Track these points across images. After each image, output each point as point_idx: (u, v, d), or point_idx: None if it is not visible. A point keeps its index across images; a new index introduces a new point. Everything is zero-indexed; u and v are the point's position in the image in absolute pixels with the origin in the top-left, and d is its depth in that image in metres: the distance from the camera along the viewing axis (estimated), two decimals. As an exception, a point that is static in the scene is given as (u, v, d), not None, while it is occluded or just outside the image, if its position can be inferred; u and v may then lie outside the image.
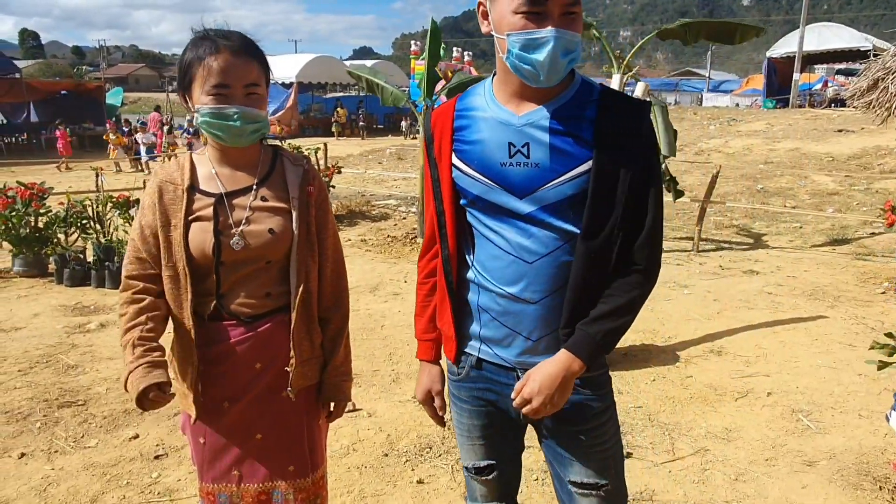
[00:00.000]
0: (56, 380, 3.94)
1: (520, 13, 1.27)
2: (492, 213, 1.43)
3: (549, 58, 1.27)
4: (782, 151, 14.07)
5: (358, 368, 4.15)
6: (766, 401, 3.74)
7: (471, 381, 1.56)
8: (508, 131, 1.37)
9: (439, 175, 1.49)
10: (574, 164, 1.34)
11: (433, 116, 1.52)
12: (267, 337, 1.67)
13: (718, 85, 43.36)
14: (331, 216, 1.80)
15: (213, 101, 1.56)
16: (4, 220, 6.23)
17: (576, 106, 1.36)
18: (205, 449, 1.72)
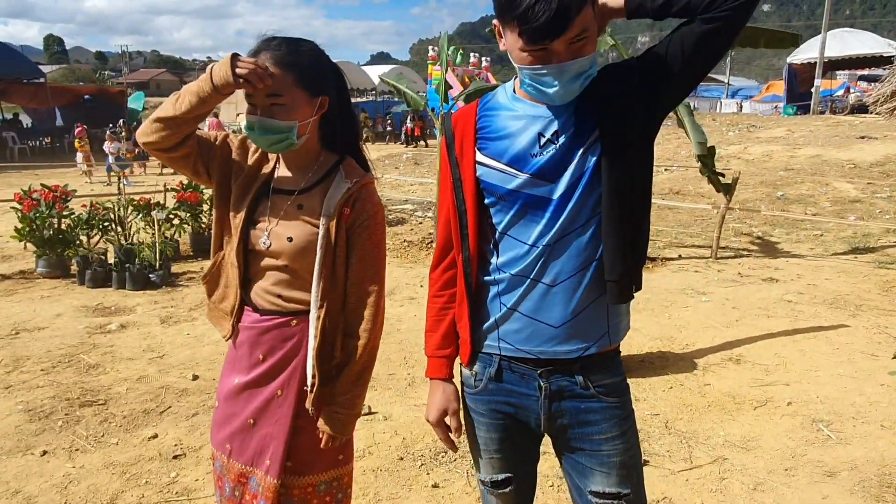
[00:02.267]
0: (77, 379, 4.00)
1: (525, 52, 1.30)
2: (521, 206, 1.41)
3: (560, 88, 1.31)
4: (803, 158, 13.92)
5: (374, 372, 4.15)
6: (786, 410, 3.69)
7: (489, 393, 1.54)
8: (538, 123, 1.40)
9: (461, 174, 1.47)
10: (588, 135, 1.37)
11: (454, 118, 1.53)
12: (270, 331, 1.73)
13: (738, 91, 43.01)
14: (369, 242, 1.70)
15: (248, 110, 1.63)
16: (29, 221, 6.35)
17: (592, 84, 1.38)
18: (218, 412, 1.83)
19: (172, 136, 1.63)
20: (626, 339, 4.94)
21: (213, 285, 1.82)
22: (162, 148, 1.65)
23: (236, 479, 1.78)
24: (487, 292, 1.51)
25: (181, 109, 1.60)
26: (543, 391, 1.47)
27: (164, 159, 1.70)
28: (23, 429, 3.37)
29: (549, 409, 1.48)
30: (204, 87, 1.58)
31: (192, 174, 1.73)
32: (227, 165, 1.75)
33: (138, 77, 73.41)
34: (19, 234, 6.43)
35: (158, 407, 3.65)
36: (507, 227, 1.45)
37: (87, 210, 6.63)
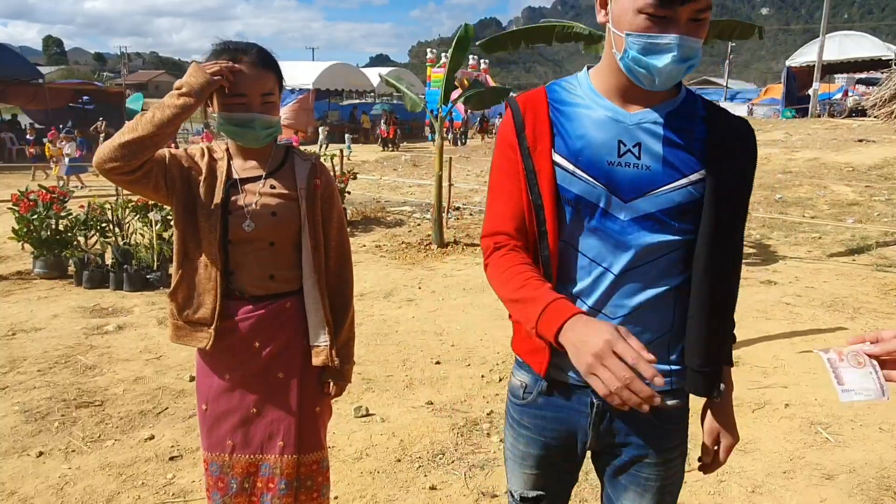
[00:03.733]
0: (74, 380, 3.99)
1: (645, 14, 1.17)
2: (588, 217, 1.30)
3: (669, 65, 1.18)
4: (801, 161, 13.94)
5: (371, 374, 4.16)
6: (784, 412, 3.69)
7: (537, 407, 1.43)
8: (618, 128, 1.28)
9: (535, 166, 1.31)
10: (687, 172, 1.27)
11: (521, 103, 1.35)
12: (267, 318, 1.80)
13: (736, 94, 43.08)
14: (336, 209, 1.90)
15: (233, 108, 1.72)
16: (26, 222, 6.34)
17: (685, 114, 1.31)
18: (206, 416, 1.86)
19: (140, 157, 1.65)
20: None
21: (184, 298, 1.82)
22: (125, 171, 1.65)
23: (244, 471, 1.84)
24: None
25: (160, 124, 1.63)
26: (595, 408, 1.38)
27: (125, 182, 1.70)
28: (19, 430, 3.36)
29: (597, 427, 1.39)
30: (182, 98, 1.65)
31: (153, 191, 1.74)
32: (184, 174, 1.79)
33: (137, 78, 73.42)
34: (17, 235, 6.41)
35: (155, 408, 3.64)
36: (572, 234, 1.32)
37: (84, 211, 6.62)
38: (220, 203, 1.76)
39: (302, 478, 1.85)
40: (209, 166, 1.80)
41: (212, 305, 1.78)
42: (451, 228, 8.98)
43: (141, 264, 6.29)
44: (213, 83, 1.66)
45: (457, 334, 4.98)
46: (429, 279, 6.63)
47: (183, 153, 1.82)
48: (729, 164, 1.29)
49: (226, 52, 1.72)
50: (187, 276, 1.80)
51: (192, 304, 1.81)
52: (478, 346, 4.70)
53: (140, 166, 1.66)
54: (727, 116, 1.34)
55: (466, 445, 3.28)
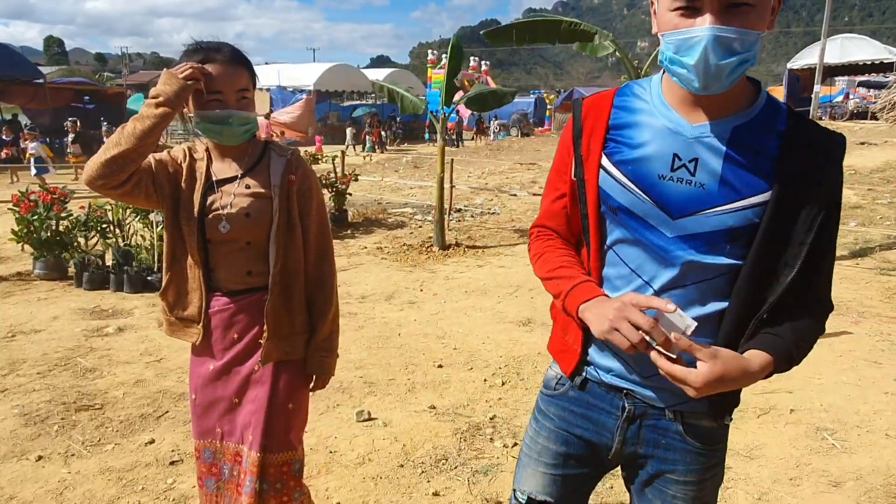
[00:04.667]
0: (74, 383, 3.96)
1: (674, 10, 1.11)
2: (632, 228, 1.25)
3: (701, 61, 1.08)
4: (803, 164, 13.90)
5: (373, 377, 4.13)
6: (790, 418, 3.66)
7: (568, 400, 1.39)
8: (676, 141, 1.20)
9: (584, 175, 1.29)
10: (747, 194, 1.17)
11: (585, 106, 1.32)
12: (243, 309, 1.85)
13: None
14: (315, 203, 1.91)
15: (210, 106, 1.75)
16: (26, 223, 6.30)
17: (759, 129, 1.18)
18: (196, 405, 1.93)
19: (127, 169, 1.67)
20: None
21: (174, 297, 1.89)
22: (115, 185, 1.69)
23: (233, 458, 1.90)
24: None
25: (140, 134, 1.65)
26: (626, 412, 1.33)
27: (117, 195, 1.73)
28: (18, 433, 3.33)
29: (625, 432, 1.34)
30: (161, 108, 1.66)
31: (146, 199, 1.79)
32: (170, 178, 1.83)
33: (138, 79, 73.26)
34: (17, 236, 6.38)
35: (156, 412, 3.61)
36: (614, 242, 1.31)
37: (85, 212, 6.59)
38: (197, 206, 1.80)
39: (270, 479, 1.85)
40: (189, 168, 1.85)
41: (198, 304, 1.85)
42: (452, 230, 8.96)
43: (141, 265, 6.26)
44: (188, 87, 1.69)
45: (459, 337, 4.95)
46: (430, 281, 6.60)
47: (167, 157, 1.85)
48: (801, 189, 1.16)
49: (198, 52, 1.75)
50: (176, 277, 1.87)
51: (181, 303, 1.88)
52: (480, 350, 4.67)
53: (128, 179, 1.70)
54: (813, 132, 1.19)
55: (469, 451, 3.25)
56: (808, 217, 1.17)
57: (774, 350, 1.18)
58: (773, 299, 1.21)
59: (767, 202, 1.16)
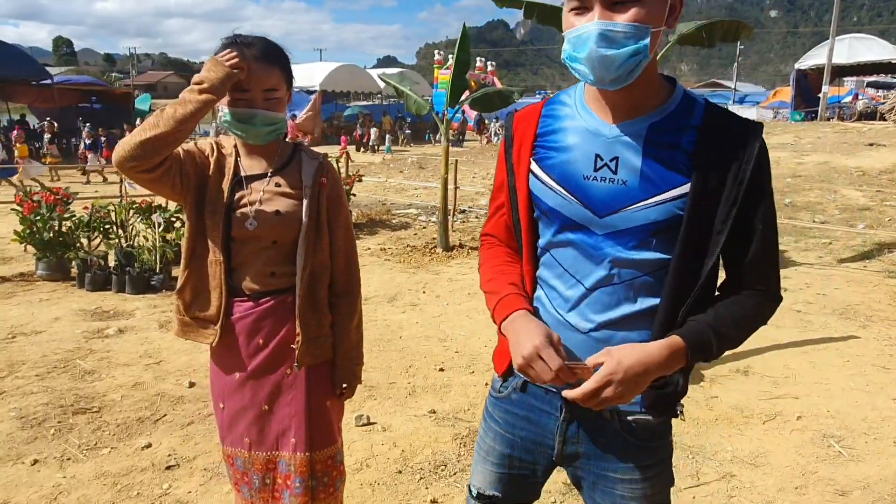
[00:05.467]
0: (72, 385, 3.93)
1: (570, 10, 1.18)
2: (563, 229, 1.30)
3: (589, 53, 1.14)
4: (810, 165, 13.79)
5: (374, 380, 4.09)
6: (796, 424, 3.60)
7: (511, 403, 1.43)
8: (597, 142, 1.25)
9: (516, 183, 1.35)
10: (666, 188, 1.20)
11: (516, 119, 1.39)
12: (268, 314, 1.80)
13: (745, 97, 42.83)
14: (344, 209, 1.89)
15: (236, 104, 1.70)
16: (29, 224, 6.30)
17: (675, 123, 1.23)
18: (224, 414, 1.88)
19: (161, 153, 1.63)
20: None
21: (191, 295, 1.84)
22: (146, 168, 1.64)
23: (263, 467, 1.86)
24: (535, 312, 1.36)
25: (181, 119, 1.61)
26: (564, 412, 1.36)
27: (145, 181, 1.68)
28: (15, 436, 3.30)
29: (564, 432, 1.36)
30: (204, 94, 1.62)
31: (171, 189, 1.73)
32: (196, 170, 1.79)
33: (146, 79, 73.75)
34: (19, 237, 6.38)
35: (153, 415, 3.58)
36: (548, 245, 1.35)
37: (88, 212, 6.58)
38: (224, 201, 1.76)
39: (318, 475, 1.86)
40: (217, 162, 1.80)
41: (217, 303, 1.80)
42: (456, 231, 8.91)
43: (143, 267, 6.24)
44: (233, 75, 1.65)
45: (461, 340, 4.90)
46: (433, 283, 6.55)
47: (195, 148, 1.81)
48: (718, 180, 1.19)
49: (231, 46, 1.70)
50: (195, 274, 1.82)
51: (199, 302, 1.83)
52: (482, 353, 4.62)
53: (160, 163, 1.66)
54: (730, 124, 1.23)
55: (469, 457, 3.21)
56: (725, 206, 1.20)
57: (688, 334, 1.20)
58: (696, 289, 1.23)
59: (687, 194, 1.20)
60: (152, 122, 1.61)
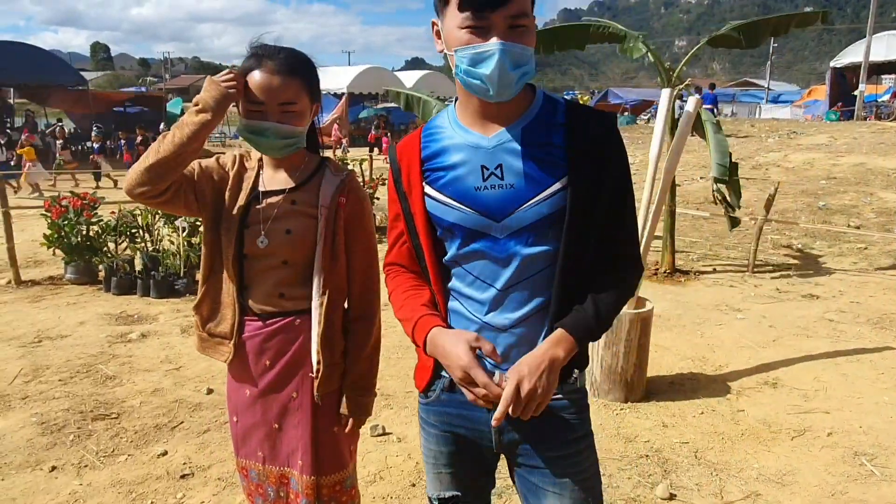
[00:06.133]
0: (93, 391, 3.97)
1: (464, 28, 1.25)
2: (467, 241, 1.38)
3: (496, 70, 1.24)
4: (846, 166, 13.39)
5: (391, 389, 4.05)
6: (826, 441, 3.46)
7: (441, 404, 1.48)
8: (479, 154, 1.35)
9: (411, 208, 1.43)
10: (549, 183, 1.32)
11: (398, 149, 1.47)
12: (275, 335, 1.76)
13: (779, 96, 41.90)
14: (365, 231, 1.81)
15: (250, 115, 1.68)
16: (57, 228, 6.42)
17: (543, 124, 1.35)
18: (238, 427, 1.86)
19: (167, 178, 1.63)
20: (655, 359, 4.70)
21: (208, 311, 1.83)
22: (154, 194, 1.65)
23: (278, 481, 1.84)
24: (448, 322, 1.46)
25: (181, 142, 1.61)
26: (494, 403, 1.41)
27: (156, 204, 1.70)
28: (34, 442, 3.34)
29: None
30: (200, 115, 1.62)
31: (185, 208, 1.73)
32: (214, 186, 1.77)
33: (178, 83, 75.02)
34: (48, 241, 6.50)
35: (171, 422, 3.60)
36: (456, 258, 1.41)
37: (115, 217, 6.68)
38: (238, 216, 1.73)
39: (324, 499, 1.83)
40: (237, 176, 1.78)
41: (231, 320, 1.78)
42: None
43: (168, 271, 6.31)
44: (229, 96, 1.63)
45: (480, 348, 4.84)
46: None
47: (214, 164, 1.80)
48: (590, 168, 1.33)
49: (252, 58, 1.68)
50: (212, 290, 1.80)
51: (215, 318, 1.81)
52: (501, 362, 4.55)
53: (168, 188, 1.65)
54: (589, 118, 1.36)
55: (484, 470, 3.15)
56: (601, 191, 1.34)
57: (569, 324, 1.33)
58: (581, 273, 1.36)
59: (566, 187, 1.32)
60: (154, 148, 1.61)
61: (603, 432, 3.52)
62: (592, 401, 3.93)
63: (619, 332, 3.86)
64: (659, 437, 3.49)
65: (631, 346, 3.87)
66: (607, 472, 3.11)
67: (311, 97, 1.73)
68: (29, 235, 7.97)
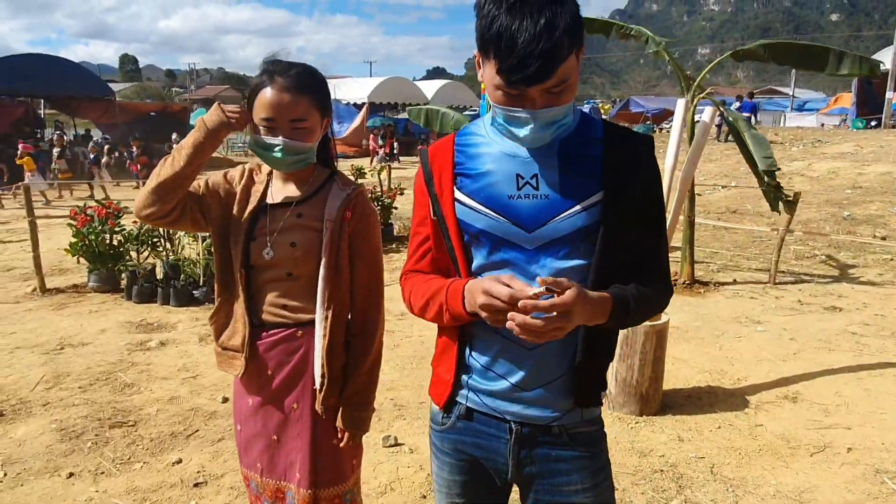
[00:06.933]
0: (112, 398, 4.03)
1: (500, 90, 1.24)
2: (495, 249, 1.35)
3: (530, 134, 1.25)
4: (872, 176, 13.15)
5: (404, 399, 4.06)
6: (846, 458, 3.38)
7: (457, 432, 1.45)
8: (515, 163, 1.33)
9: (442, 211, 1.40)
10: (584, 196, 1.31)
11: (430, 152, 1.45)
12: (276, 346, 1.78)
13: (804, 103, 41.26)
14: (370, 245, 1.81)
15: (261, 131, 1.70)
16: (82, 237, 6.55)
17: (580, 138, 1.34)
18: (241, 436, 1.89)
19: (171, 199, 1.68)
20: (672, 371, 4.64)
21: (222, 325, 1.86)
22: (161, 215, 1.70)
23: (273, 495, 1.84)
24: (468, 336, 1.43)
25: (179, 165, 1.66)
26: (514, 433, 1.40)
27: (165, 224, 1.75)
28: (53, 449, 3.40)
29: (517, 455, 1.40)
30: (198, 136, 1.67)
31: (192, 225, 1.78)
32: (221, 202, 1.80)
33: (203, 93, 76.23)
34: (73, 250, 6.63)
35: (186, 430, 3.64)
36: (483, 268, 1.38)
37: (137, 225, 6.79)
38: (245, 228, 1.76)
39: None
40: (245, 189, 1.81)
41: (243, 333, 1.80)
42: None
43: (188, 279, 6.40)
44: (227, 125, 1.67)
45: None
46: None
47: (221, 180, 1.83)
48: (626, 184, 1.32)
49: (264, 74, 1.71)
50: (225, 303, 1.83)
51: (228, 331, 1.84)
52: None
53: (174, 208, 1.69)
54: (626, 135, 1.37)
55: (496, 482, 3.13)
56: (635, 208, 1.33)
57: (613, 291, 1.30)
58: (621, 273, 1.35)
59: (602, 200, 1.31)
60: (156, 171, 1.67)
61: (617, 446, 3.48)
62: (607, 413, 3.89)
63: (634, 344, 3.82)
64: (674, 452, 3.44)
65: (646, 358, 3.83)
66: (621, 487, 3.07)
67: (322, 113, 1.75)
68: (55, 244, 8.15)
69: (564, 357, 1.36)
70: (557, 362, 1.36)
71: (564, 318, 1.19)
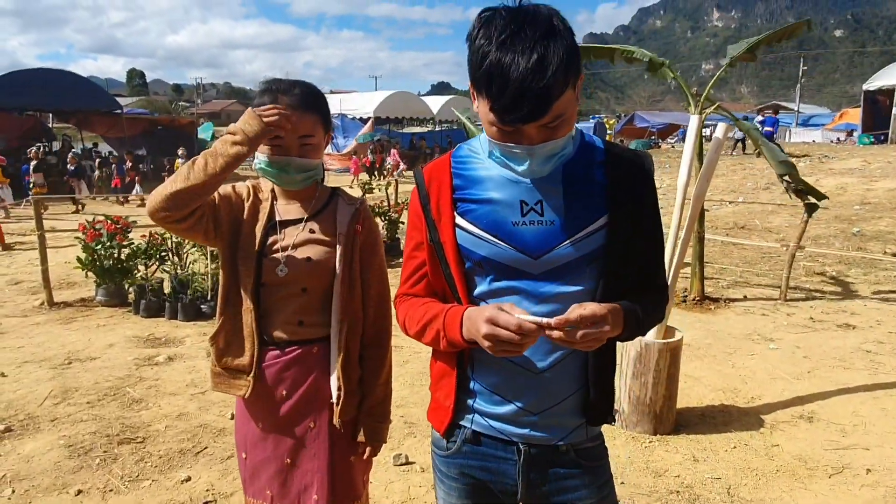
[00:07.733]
0: (120, 414, 4.00)
1: (494, 126, 1.21)
2: (499, 276, 1.32)
3: (528, 168, 1.24)
4: (881, 191, 13.10)
5: (414, 417, 4.01)
6: (865, 479, 3.32)
7: (462, 456, 1.43)
8: (519, 188, 1.30)
9: (440, 237, 1.36)
10: (591, 220, 1.30)
11: (426, 173, 1.40)
12: (293, 364, 1.75)
13: (809, 119, 41.32)
14: (378, 257, 1.84)
15: (269, 151, 1.70)
16: (91, 251, 6.55)
17: (583, 161, 1.33)
18: (246, 464, 1.84)
19: (192, 204, 1.63)
20: (685, 389, 4.58)
21: (224, 344, 1.81)
22: (177, 219, 1.65)
23: None
24: (468, 361, 1.41)
25: (213, 171, 1.61)
26: (523, 455, 1.39)
27: (177, 230, 1.69)
28: (62, 465, 3.37)
29: (527, 475, 1.39)
30: (236, 147, 1.62)
31: (203, 236, 1.73)
32: (230, 216, 1.78)
33: (210, 108, 76.88)
34: (82, 264, 6.63)
35: (195, 447, 3.60)
36: (485, 295, 1.35)
37: (145, 240, 6.80)
38: (257, 245, 1.74)
39: None
40: (253, 206, 1.79)
41: (251, 352, 1.76)
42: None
43: (196, 293, 6.38)
44: (269, 132, 1.64)
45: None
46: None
47: (231, 192, 1.81)
48: (629, 206, 1.32)
49: (268, 93, 1.70)
50: (229, 322, 1.79)
51: (232, 350, 1.79)
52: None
53: (191, 213, 1.66)
54: (626, 155, 1.36)
55: (509, 503, 3.08)
56: (637, 228, 1.33)
57: (625, 306, 1.28)
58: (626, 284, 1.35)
59: (608, 223, 1.30)
60: (184, 174, 1.61)
61: (631, 466, 3.43)
62: (620, 432, 3.83)
63: (648, 361, 3.78)
64: (690, 472, 3.38)
65: (660, 376, 3.78)
66: (636, 508, 3.01)
67: (325, 128, 1.78)
68: (62, 258, 8.15)
69: (572, 378, 1.36)
70: (566, 384, 1.35)
71: (600, 324, 1.18)
